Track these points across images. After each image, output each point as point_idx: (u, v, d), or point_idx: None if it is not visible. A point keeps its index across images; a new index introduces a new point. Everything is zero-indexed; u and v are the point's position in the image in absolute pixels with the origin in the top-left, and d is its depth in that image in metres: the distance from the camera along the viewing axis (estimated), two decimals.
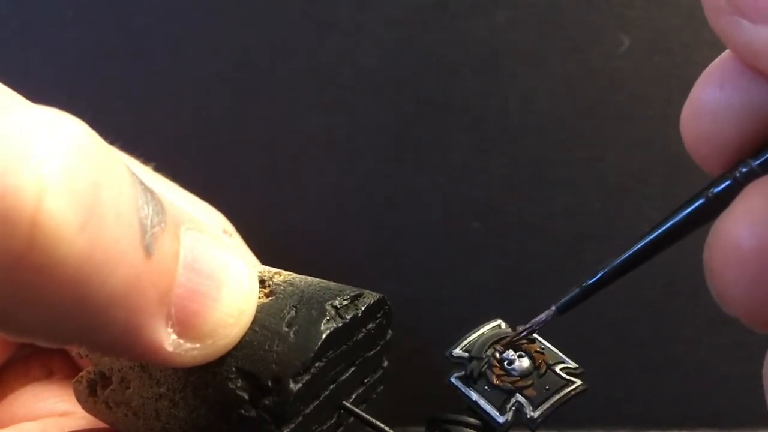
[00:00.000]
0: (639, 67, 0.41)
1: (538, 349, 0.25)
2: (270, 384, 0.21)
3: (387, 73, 0.43)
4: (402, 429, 0.24)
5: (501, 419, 0.22)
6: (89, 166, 0.17)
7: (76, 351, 0.27)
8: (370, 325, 0.25)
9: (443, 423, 0.23)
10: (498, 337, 0.25)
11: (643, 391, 0.44)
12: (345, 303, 0.23)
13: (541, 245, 0.43)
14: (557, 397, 0.23)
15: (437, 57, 0.42)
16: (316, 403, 0.23)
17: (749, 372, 0.43)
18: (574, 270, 0.43)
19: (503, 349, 0.25)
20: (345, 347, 0.23)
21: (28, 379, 0.34)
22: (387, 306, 0.26)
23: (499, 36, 0.42)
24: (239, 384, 0.22)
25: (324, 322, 0.22)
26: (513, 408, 0.23)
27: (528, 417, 0.22)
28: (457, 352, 0.25)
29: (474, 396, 0.23)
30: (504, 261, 0.44)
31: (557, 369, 0.24)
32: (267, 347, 0.22)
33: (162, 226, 0.19)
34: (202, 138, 0.45)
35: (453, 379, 0.24)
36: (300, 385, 0.21)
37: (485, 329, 0.26)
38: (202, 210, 0.34)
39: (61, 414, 0.32)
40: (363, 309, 0.24)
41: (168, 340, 0.20)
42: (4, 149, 0.16)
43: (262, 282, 0.24)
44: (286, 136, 0.44)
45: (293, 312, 0.23)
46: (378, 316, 0.25)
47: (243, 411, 0.22)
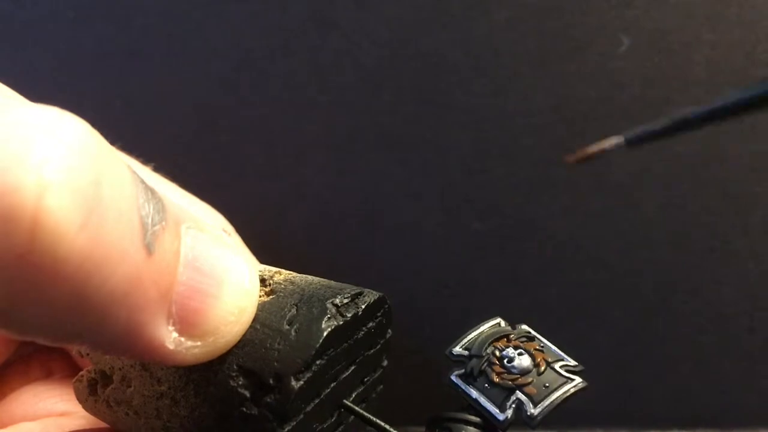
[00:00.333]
0: (639, 67, 0.41)
1: (537, 347, 0.25)
2: (272, 382, 0.21)
3: (387, 73, 0.43)
4: (402, 429, 0.24)
5: (501, 417, 0.22)
6: (90, 164, 0.17)
7: (76, 350, 0.27)
8: (370, 324, 0.25)
9: (444, 421, 0.23)
10: (498, 335, 0.25)
11: (643, 391, 0.44)
12: (346, 301, 0.23)
13: (541, 245, 0.43)
14: (557, 395, 0.23)
15: (437, 57, 0.42)
16: (316, 402, 0.23)
17: (749, 372, 0.43)
18: (574, 270, 0.43)
19: (503, 347, 0.25)
20: (346, 345, 0.23)
21: (27, 379, 0.34)
22: (387, 305, 0.26)
23: (499, 36, 0.42)
24: (241, 382, 0.22)
25: (325, 320, 0.22)
26: (513, 405, 0.23)
27: (528, 414, 0.22)
28: (457, 350, 0.25)
29: (474, 394, 0.23)
30: (504, 261, 0.44)
31: (557, 367, 0.24)
32: (268, 345, 0.22)
33: (163, 224, 0.19)
34: (202, 138, 0.45)
35: (453, 377, 0.24)
36: (301, 383, 0.21)
37: (485, 327, 0.26)
38: (200, 210, 0.34)
39: (61, 414, 0.32)
40: (363, 307, 0.24)
41: (169, 338, 0.20)
42: (4, 148, 0.16)
43: (262, 281, 0.24)
44: (286, 136, 0.44)
45: (294, 310, 0.23)
46: (378, 315, 0.25)
47: (244, 409, 0.22)
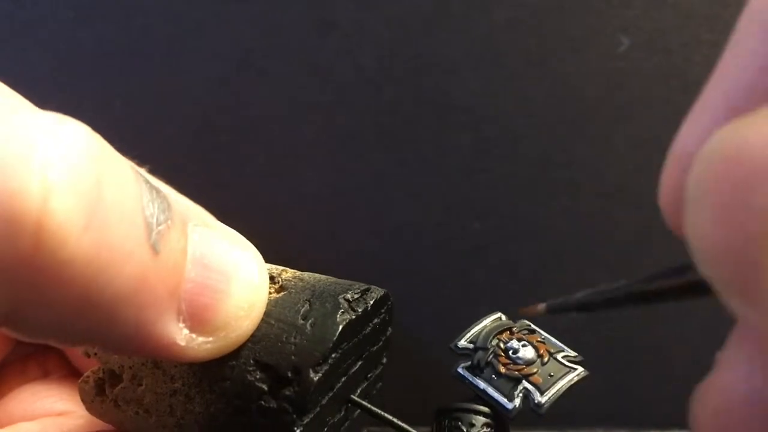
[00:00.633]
0: (639, 67, 0.41)
1: (539, 339, 0.25)
2: (290, 375, 0.22)
3: (387, 73, 0.43)
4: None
5: (510, 406, 0.23)
6: (92, 166, 0.17)
7: (83, 350, 0.27)
8: (375, 320, 0.25)
9: (453, 411, 0.23)
10: (501, 328, 0.26)
11: (643, 391, 0.44)
12: (356, 296, 0.24)
13: (541, 245, 0.43)
14: (563, 383, 0.23)
15: (437, 57, 0.43)
16: (330, 395, 0.23)
17: None
18: (574, 270, 0.43)
19: (507, 339, 0.25)
20: (356, 340, 0.24)
21: (25, 379, 0.34)
22: (390, 302, 0.26)
23: (499, 36, 0.42)
24: (258, 376, 0.22)
25: (339, 314, 0.22)
26: (521, 395, 0.23)
27: (536, 402, 0.22)
28: (462, 343, 0.25)
29: (482, 385, 0.23)
30: (504, 261, 0.44)
31: (559, 357, 0.24)
32: (284, 339, 0.22)
33: (168, 223, 0.19)
34: (201, 138, 0.45)
35: (460, 369, 0.24)
36: (320, 375, 0.22)
37: (487, 321, 0.27)
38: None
39: (60, 413, 0.32)
40: (372, 303, 0.24)
41: (180, 335, 0.20)
42: (8, 152, 0.16)
43: (271, 278, 0.24)
44: (285, 136, 0.44)
45: (307, 305, 0.23)
46: (382, 311, 0.25)
47: (263, 402, 0.22)
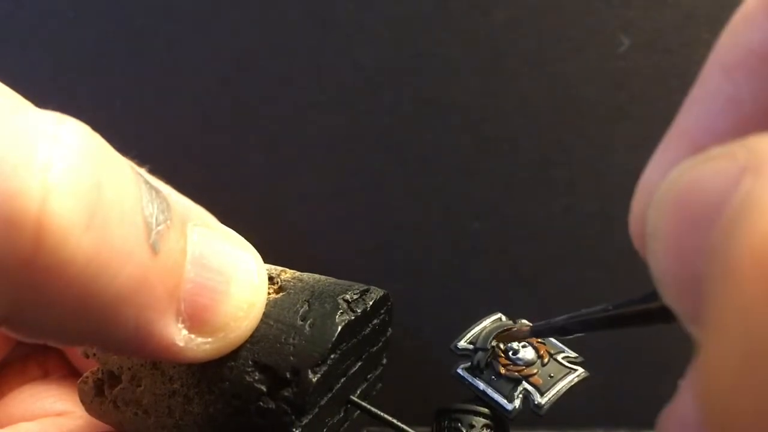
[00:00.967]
0: (639, 67, 0.41)
1: (539, 340, 0.25)
2: (289, 376, 0.21)
3: (387, 73, 0.43)
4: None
5: (509, 407, 0.22)
6: (92, 167, 0.17)
7: (82, 350, 0.27)
8: (375, 321, 0.25)
9: (452, 412, 0.23)
10: (501, 329, 0.25)
11: (643, 391, 0.44)
12: (355, 297, 0.24)
13: (541, 245, 0.43)
14: (562, 384, 0.23)
15: (437, 57, 0.43)
16: (329, 396, 0.23)
17: None
18: (574, 270, 0.43)
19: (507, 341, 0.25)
20: (355, 341, 0.24)
21: (25, 379, 0.34)
22: (390, 302, 0.26)
23: (499, 36, 0.42)
24: (257, 377, 0.22)
25: (338, 314, 0.22)
26: (521, 395, 0.23)
27: (536, 403, 0.22)
28: (462, 344, 0.25)
29: (482, 386, 0.23)
30: (504, 261, 0.44)
31: (559, 358, 0.24)
32: (283, 340, 0.22)
33: (168, 223, 0.19)
34: (201, 138, 0.45)
35: (459, 371, 0.24)
36: (319, 376, 0.21)
37: (487, 322, 0.27)
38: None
39: (59, 413, 0.32)
40: (371, 303, 0.24)
41: (179, 335, 0.20)
42: (7, 153, 0.16)
43: (270, 279, 0.24)
44: (286, 136, 0.44)
45: (306, 306, 0.23)
46: (382, 312, 0.25)
47: (261, 403, 0.22)
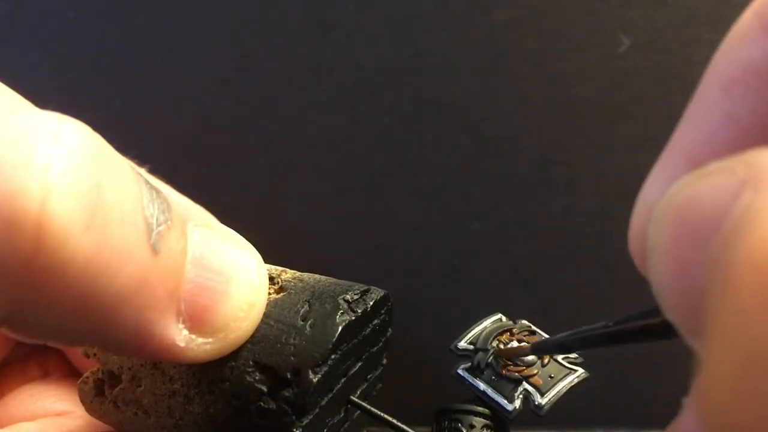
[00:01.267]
0: (639, 67, 0.41)
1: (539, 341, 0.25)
2: (289, 376, 0.22)
3: (387, 73, 0.43)
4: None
5: (510, 407, 0.22)
6: (92, 167, 0.17)
7: (82, 350, 0.27)
8: (375, 321, 0.25)
9: (452, 413, 0.23)
10: (501, 330, 0.25)
11: (643, 391, 0.44)
12: (356, 297, 0.24)
13: (541, 245, 0.43)
14: (563, 385, 0.23)
15: (437, 57, 0.43)
16: (329, 396, 0.23)
17: None
18: (574, 270, 0.43)
19: (507, 341, 0.25)
20: (355, 341, 0.24)
21: (25, 379, 0.34)
22: (390, 303, 0.26)
23: (499, 36, 0.42)
24: (257, 377, 0.22)
25: (339, 315, 0.22)
26: (521, 396, 0.23)
27: (536, 404, 0.22)
28: (462, 344, 0.25)
29: (482, 386, 0.23)
30: (504, 261, 0.44)
31: (559, 358, 0.24)
32: (284, 340, 0.22)
33: (168, 224, 0.19)
34: (202, 138, 0.45)
35: (460, 371, 0.24)
36: (319, 377, 0.21)
37: (487, 323, 0.27)
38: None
39: (59, 413, 0.32)
40: (371, 303, 0.24)
41: (179, 335, 0.20)
42: (7, 153, 0.16)
43: (270, 279, 0.24)
44: (286, 136, 0.44)
45: (307, 306, 0.23)
46: (382, 312, 0.25)
47: (262, 404, 0.22)
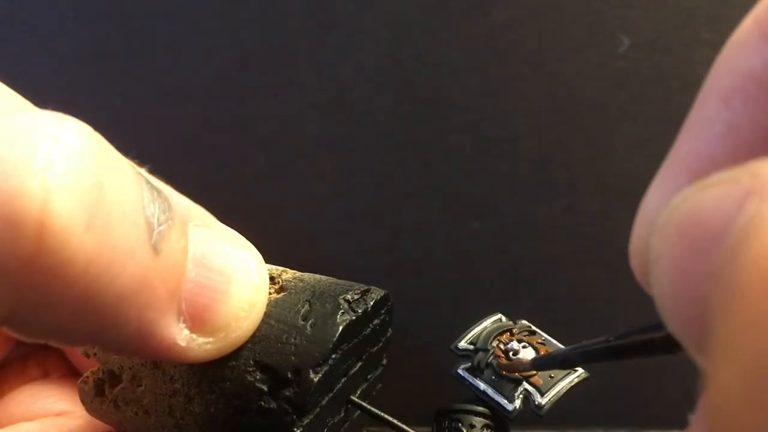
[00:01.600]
0: (639, 67, 0.41)
1: (539, 341, 0.25)
2: (290, 375, 0.21)
3: (387, 73, 0.43)
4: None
5: (510, 407, 0.22)
6: (93, 167, 0.17)
7: (82, 350, 0.27)
8: (375, 321, 0.25)
9: (452, 413, 0.23)
10: (501, 330, 0.25)
11: (643, 391, 0.44)
12: (356, 297, 0.24)
13: (541, 245, 0.43)
14: (563, 385, 0.23)
15: (437, 57, 0.43)
16: (330, 396, 0.23)
17: None
18: (573, 270, 0.43)
19: (507, 341, 0.25)
20: (356, 341, 0.24)
21: (25, 379, 0.34)
22: (390, 302, 0.26)
23: (499, 36, 0.42)
24: (258, 377, 0.22)
25: (339, 314, 0.22)
26: (521, 396, 0.23)
27: (536, 404, 0.22)
28: (462, 344, 0.25)
29: (482, 386, 0.23)
30: (504, 261, 0.44)
31: None
32: (284, 340, 0.22)
33: (169, 223, 0.19)
34: (202, 138, 0.45)
35: (460, 371, 0.24)
36: (320, 376, 0.21)
37: (487, 323, 0.27)
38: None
39: (59, 413, 0.32)
40: (372, 303, 0.24)
41: (180, 335, 0.20)
42: (8, 153, 0.16)
43: (271, 279, 0.24)
44: (286, 136, 0.44)
45: (307, 306, 0.23)
46: (382, 312, 0.25)
47: (263, 403, 0.22)
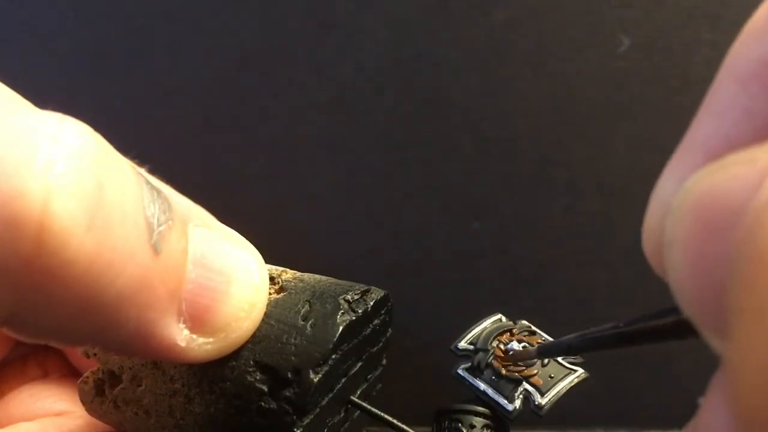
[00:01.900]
0: (639, 67, 0.41)
1: (539, 341, 0.25)
2: (290, 376, 0.22)
3: (387, 73, 0.43)
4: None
5: (510, 407, 0.22)
6: (93, 167, 0.17)
7: (82, 350, 0.27)
8: (375, 321, 0.25)
9: (452, 413, 0.23)
10: (501, 330, 0.25)
11: (643, 391, 0.44)
12: (356, 297, 0.24)
13: (541, 245, 0.43)
14: (563, 385, 0.23)
15: (437, 57, 0.43)
16: (330, 396, 0.23)
17: None
18: (574, 270, 0.43)
19: (507, 341, 0.25)
20: (356, 341, 0.24)
21: (25, 379, 0.34)
22: (390, 303, 0.26)
23: (499, 36, 0.42)
24: (258, 377, 0.22)
25: (339, 314, 0.22)
26: (521, 396, 0.23)
27: (536, 404, 0.22)
28: (462, 345, 0.25)
29: (482, 386, 0.23)
30: (504, 261, 0.44)
31: (559, 359, 0.24)
32: (284, 340, 0.22)
33: (169, 224, 0.19)
34: (202, 138, 0.45)
35: (460, 371, 0.24)
36: (320, 376, 0.21)
37: (487, 323, 0.27)
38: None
39: (59, 413, 0.32)
40: (372, 304, 0.24)
41: (180, 335, 0.20)
42: (9, 153, 0.16)
43: (271, 279, 0.24)
44: (286, 136, 0.44)
45: (307, 306, 0.23)
46: (382, 312, 0.25)
47: (263, 403, 0.22)
